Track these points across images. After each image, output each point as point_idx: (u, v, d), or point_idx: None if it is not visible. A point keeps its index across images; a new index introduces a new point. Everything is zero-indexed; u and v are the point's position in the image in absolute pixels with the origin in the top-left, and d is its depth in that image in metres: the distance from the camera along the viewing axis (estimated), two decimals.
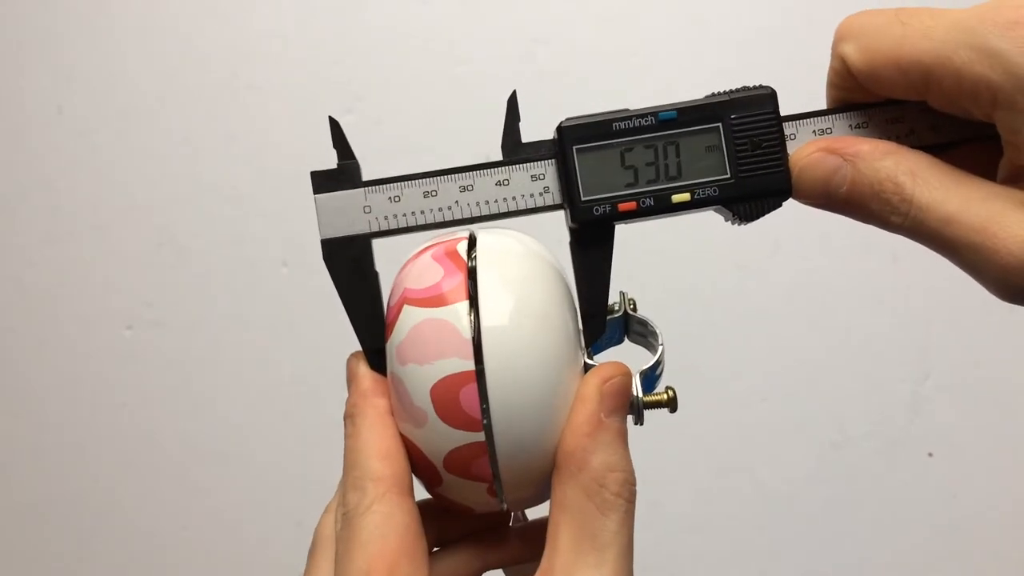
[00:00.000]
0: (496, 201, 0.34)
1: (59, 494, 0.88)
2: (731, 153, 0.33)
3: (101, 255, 0.87)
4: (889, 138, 0.32)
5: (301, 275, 0.86)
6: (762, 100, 0.33)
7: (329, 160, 0.36)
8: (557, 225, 0.35)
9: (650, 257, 0.77)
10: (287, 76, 0.86)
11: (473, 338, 0.31)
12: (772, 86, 0.33)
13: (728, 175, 0.33)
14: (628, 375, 0.33)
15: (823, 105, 0.34)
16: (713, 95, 0.33)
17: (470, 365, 0.31)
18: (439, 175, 0.34)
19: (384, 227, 0.34)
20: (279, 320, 0.86)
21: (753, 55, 0.83)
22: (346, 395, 0.35)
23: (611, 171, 0.33)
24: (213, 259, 0.87)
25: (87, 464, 0.88)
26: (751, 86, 0.33)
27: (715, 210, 0.34)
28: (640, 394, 0.34)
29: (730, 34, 0.84)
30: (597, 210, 0.33)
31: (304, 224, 0.90)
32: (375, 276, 0.34)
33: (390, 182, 0.35)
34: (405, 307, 0.33)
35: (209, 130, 0.87)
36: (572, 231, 0.34)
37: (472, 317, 0.32)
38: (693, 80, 0.82)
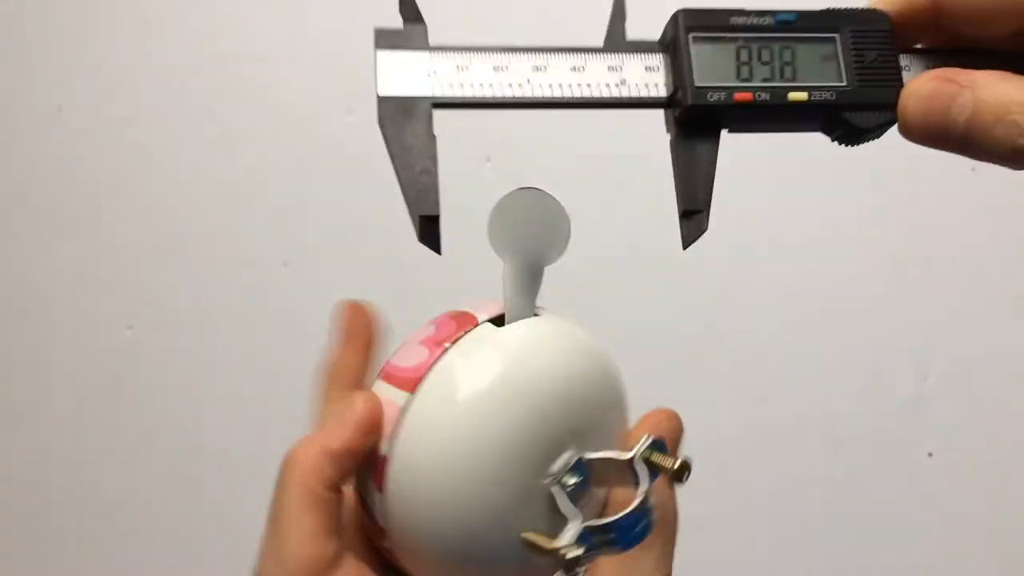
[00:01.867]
0: (570, 86, 0.32)
1: (59, 494, 0.88)
2: (847, 63, 0.32)
3: (101, 255, 0.87)
4: None
5: (301, 275, 0.86)
6: (878, 19, 0.33)
7: (332, 163, 0.36)
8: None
9: (650, 256, 0.77)
10: (287, 76, 0.86)
11: (394, 429, 0.31)
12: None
13: (845, 83, 0.32)
14: None
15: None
16: (829, 9, 0.33)
17: (388, 447, 0.32)
18: (512, 51, 0.33)
19: (448, 94, 0.32)
20: (279, 320, 0.86)
21: None
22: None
23: (726, 63, 0.32)
24: (213, 259, 0.87)
25: (87, 464, 0.88)
26: (865, 8, 0.33)
27: (823, 127, 0.33)
28: (656, 454, 0.32)
29: None
30: (712, 96, 0.31)
31: (304, 224, 0.91)
32: (433, 139, 0.31)
33: (459, 50, 0.33)
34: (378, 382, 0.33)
35: (209, 130, 0.87)
36: (679, 121, 0.32)
37: (403, 407, 0.31)
38: None
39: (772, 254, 0.82)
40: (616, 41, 0.33)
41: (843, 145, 0.33)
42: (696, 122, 0.32)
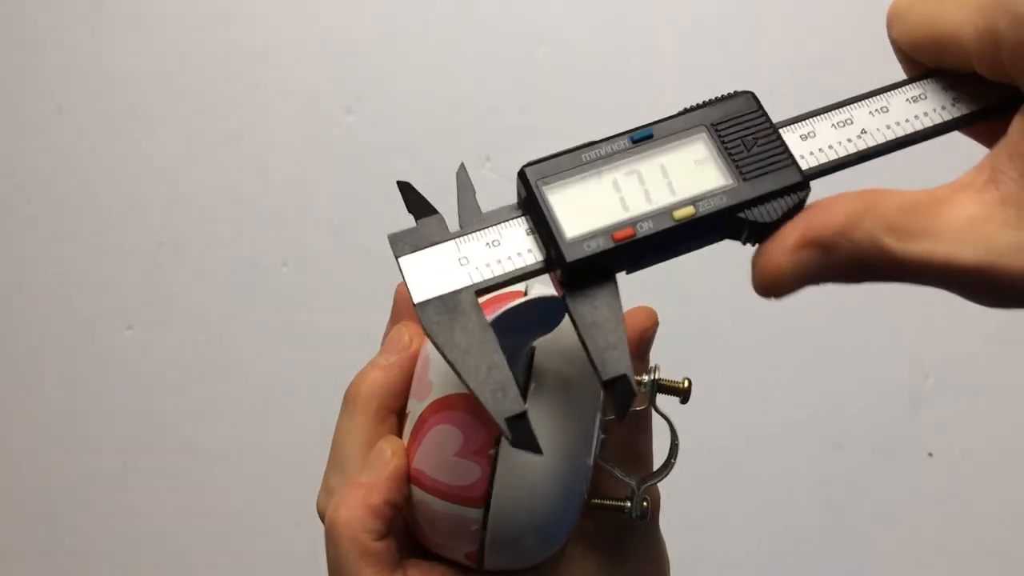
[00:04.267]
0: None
1: (59, 494, 0.88)
2: (726, 159, 0.29)
3: (101, 255, 0.87)
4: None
5: (301, 275, 0.86)
6: (741, 102, 0.30)
7: (332, 163, 0.35)
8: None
9: None
10: (287, 76, 0.86)
11: (480, 536, 0.33)
12: (750, 89, 0.31)
13: (731, 181, 0.29)
14: None
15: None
16: (686, 108, 0.30)
17: (474, 546, 0.34)
18: (538, 211, 0.30)
19: (488, 276, 0.29)
20: (279, 320, 0.86)
21: (754, 55, 0.83)
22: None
23: (593, 204, 0.29)
24: (213, 259, 0.87)
25: (87, 464, 0.88)
26: (725, 94, 0.30)
27: (726, 233, 0.30)
28: (657, 376, 0.35)
29: (730, 34, 0.84)
30: (589, 245, 0.28)
31: (304, 224, 0.91)
32: (488, 329, 0.28)
33: (485, 227, 0.29)
34: (415, 488, 0.34)
35: (209, 130, 0.87)
36: (564, 283, 0.29)
37: (482, 520, 0.33)
38: (693, 80, 0.82)
39: None
40: (469, 221, 0.30)
41: (757, 245, 0.30)
42: (583, 277, 0.28)
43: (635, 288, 0.38)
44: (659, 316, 0.38)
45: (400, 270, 0.29)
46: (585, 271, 0.28)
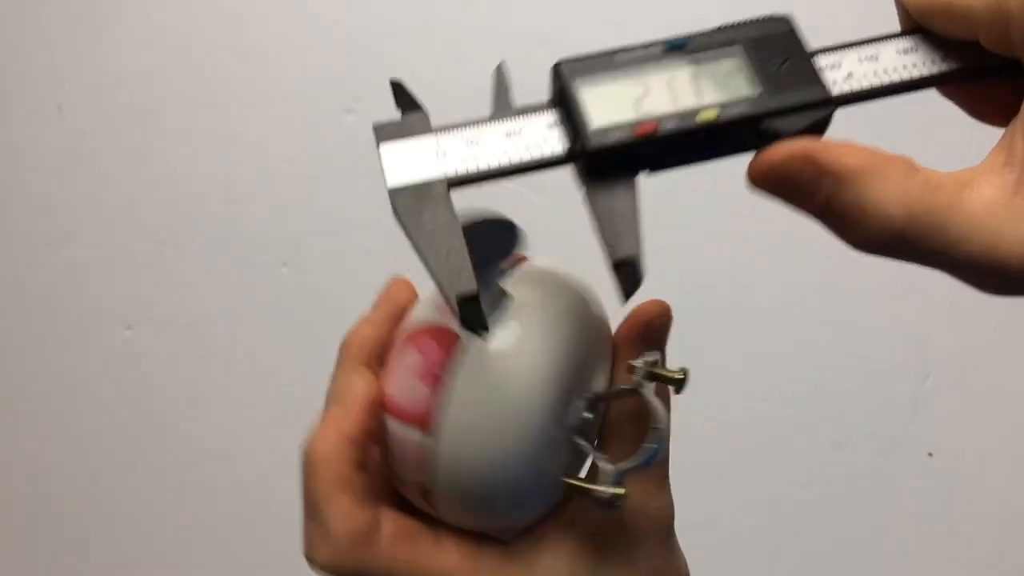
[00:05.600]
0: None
1: (59, 494, 0.88)
2: (756, 73, 0.29)
3: (101, 255, 0.87)
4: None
5: (301, 275, 0.86)
6: (778, 24, 0.31)
7: (332, 163, 0.35)
8: None
9: (649, 255, 0.77)
10: (287, 76, 0.86)
11: (429, 469, 0.33)
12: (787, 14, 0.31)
13: (758, 91, 0.29)
14: None
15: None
16: (722, 26, 0.31)
17: (425, 476, 0.33)
18: (522, 113, 0.31)
19: (463, 171, 0.29)
20: (279, 320, 0.86)
21: None
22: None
23: (622, 100, 0.29)
24: (213, 259, 0.87)
25: (87, 464, 0.88)
26: (763, 16, 0.31)
27: (749, 144, 0.30)
28: (658, 367, 0.34)
29: None
30: (611, 136, 0.29)
31: (304, 224, 0.91)
32: (455, 218, 0.29)
33: (467, 125, 0.31)
34: (385, 416, 0.34)
35: (209, 130, 0.87)
36: (585, 172, 0.29)
37: (432, 450, 0.33)
38: None
39: (772, 253, 0.82)
40: (504, 109, 0.31)
41: None
42: (603, 167, 0.29)
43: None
44: None
45: (379, 156, 0.30)
46: (606, 161, 0.29)
